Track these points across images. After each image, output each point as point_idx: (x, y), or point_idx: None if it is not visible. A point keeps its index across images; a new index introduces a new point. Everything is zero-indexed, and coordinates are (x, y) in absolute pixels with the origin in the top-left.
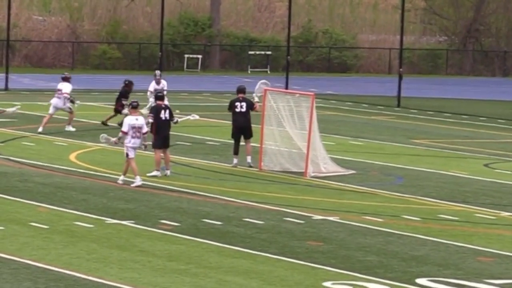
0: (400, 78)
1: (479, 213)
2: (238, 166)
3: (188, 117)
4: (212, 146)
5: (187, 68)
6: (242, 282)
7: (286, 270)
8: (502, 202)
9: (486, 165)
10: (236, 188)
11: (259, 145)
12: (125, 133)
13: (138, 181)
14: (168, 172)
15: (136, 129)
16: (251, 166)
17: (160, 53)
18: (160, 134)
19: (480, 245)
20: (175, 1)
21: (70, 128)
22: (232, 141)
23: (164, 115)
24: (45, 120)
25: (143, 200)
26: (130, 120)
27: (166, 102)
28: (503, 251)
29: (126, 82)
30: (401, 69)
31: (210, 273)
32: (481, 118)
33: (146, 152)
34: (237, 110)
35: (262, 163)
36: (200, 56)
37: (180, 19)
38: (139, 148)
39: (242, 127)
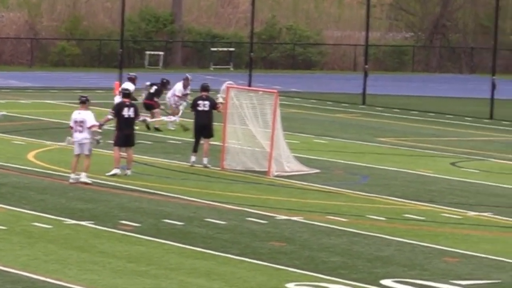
0: (366, 75)
1: (446, 212)
2: (196, 165)
3: (163, 117)
4: (173, 145)
5: (148, 65)
6: (203, 283)
7: (248, 271)
8: (469, 202)
9: (453, 164)
10: (197, 187)
11: (221, 144)
12: (71, 128)
13: (82, 177)
14: (128, 172)
15: (78, 123)
16: (206, 167)
17: (120, 50)
18: (122, 132)
19: (446, 246)
20: None
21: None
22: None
23: (127, 113)
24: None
25: (103, 200)
26: (74, 114)
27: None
28: (469, 251)
29: (164, 81)
30: (366, 66)
31: (171, 274)
32: (448, 116)
33: (108, 151)
34: (200, 108)
35: (224, 162)
36: (161, 53)
37: (141, 15)
38: (92, 143)
39: (203, 126)
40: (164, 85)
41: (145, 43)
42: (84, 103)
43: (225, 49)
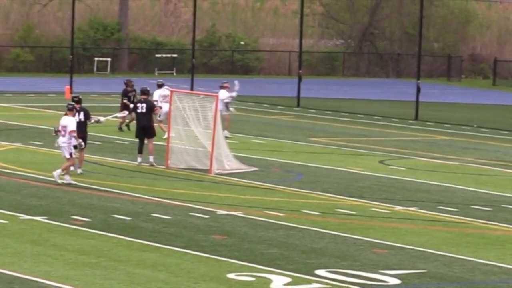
0: (300, 79)
1: (375, 207)
2: (142, 164)
3: (116, 114)
4: (121, 145)
5: (97, 70)
6: (150, 274)
7: (192, 263)
8: (396, 197)
9: (381, 162)
10: (144, 185)
11: (166, 144)
12: (58, 131)
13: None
14: (79, 170)
15: (62, 128)
16: (152, 165)
17: (71, 56)
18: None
19: (376, 238)
20: (85, 7)
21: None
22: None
23: (78, 117)
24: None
25: (55, 197)
26: (61, 119)
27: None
28: (397, 243)
29: (125, 81)
30: (300, 71)
31: (119, 266)
32: (376, 117)
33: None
34: (138, 110)
35: (168, 161)
36: (109, 59)
37: (90, 24)
38: (75, 147)
39: (144, 127)
40: (127, 85)
41: (94, 50)
42: (71, 110)
43: (168, 55)
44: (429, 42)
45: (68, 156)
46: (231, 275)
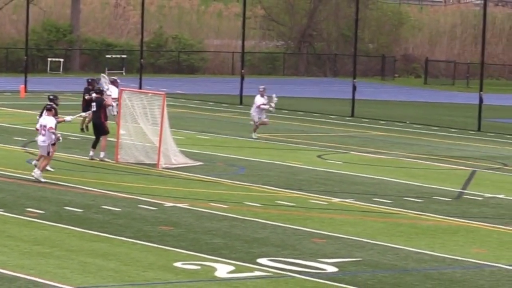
0: (242, 78)
1: (313, 199)
2: (94, 158)
3: (81, 113)
4: (73, 141)
5: (50, 70)
6: (101, 263)
7: (141, 252)
8: (333, 189)
9: (319, 156)
10: (95, 178)
11: (116, 140)
12: (37, 130)
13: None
14: (35, 162)
15: (42, 127)
16: (102, 161)
17: (25, 57)
18: None
19: (314, 228)
20: (39, 10)
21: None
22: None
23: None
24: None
25: (10, 190)
26: (40, 119)
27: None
28: (334, 233)
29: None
30: (243, 71)
31: (72, 255)
32: (314, 114)
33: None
34: (93, 109)
35: (118, 156)
36: (62, 60)
37: (44, 26)
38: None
39: (95, 124)
40: (89, 84)
41: (47, 50)
42: (49, 110)
43: (118, 56)
44: (364, 43)
45: (46, 155)
46: (178, 264)
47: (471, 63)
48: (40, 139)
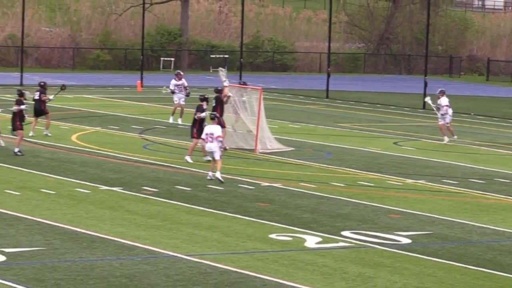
0: (328, 76)
1: (390, 180)
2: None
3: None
4: (182, 129)
5: (162, 68)
6: (206, 234)
7: (240, 225)
8: (407, 172)
9: (395, 143)
10: (200, 161)
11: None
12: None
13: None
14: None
15: (209, 135)
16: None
17: (141, 57)
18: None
19: (390, 205)
20: (153, 16)
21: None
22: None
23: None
24: None
25: (129, 171)
26: None
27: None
28: (408, 210)
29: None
30: (329, 69)
31: (181, 227)
32: (390, 107)
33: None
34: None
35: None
36: (172, 59)
37: (157, 30)
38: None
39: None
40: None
41: (160, 51)
42: (213, 119)
43: (221, 56)
44: (434, 45)
45: (218, 158)
46: (273, 236)
47: None
48: (210, 145)
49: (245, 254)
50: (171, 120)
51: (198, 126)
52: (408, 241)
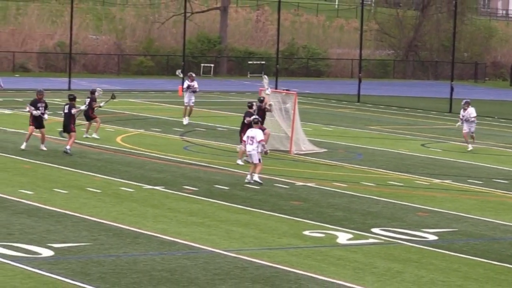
0: (359, 81)
1: (418, 180)
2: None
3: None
4: (221, 131)
5: (202, 73)
6: (243, 231)
7: (276, 223)
8: (435, 172)
9: (422, 145)
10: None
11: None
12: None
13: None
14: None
15: (250, 138)
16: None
17: (183, 63)
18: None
19: (418, 204)
20: (194, 24)
21: None
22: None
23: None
24: None
25: (170, 171)
26: None
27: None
28: (435, 208)
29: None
30: (360, 74)
31: (220, 224)
32: (418, 110)
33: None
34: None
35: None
36: (212, 65)
37: (198, 38)
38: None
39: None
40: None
41: (200, 57)
42: (256, 123)
43: (258, 62)
44: (460, 52)
45: (256, 162)
46: (306, 232)
47: None
48: (250, 148)
49: (280, 250)
50: (185, 122)
51: (246, 131)
52: (435, 238)
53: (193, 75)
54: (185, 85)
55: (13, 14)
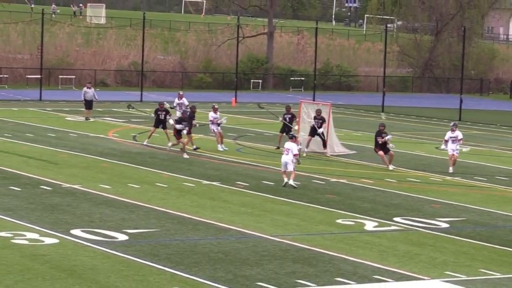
0: (384, 94)
1: (432, 177)
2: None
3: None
4: (268, 136)
5: (252, 88)
6: (286, 219)
7: (313, 212)
8: (446, 170)
9: (436, 148)
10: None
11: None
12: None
13: None
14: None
15: (286, 149)
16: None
17: (235, 79)
18: None
19: (433, 197)
20: (245, 47)
21: None
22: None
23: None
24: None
25: (225, 169)
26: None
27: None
28: (447, 201)
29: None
30: (384, 89)
31: (266, 214)
32: (433, 119)
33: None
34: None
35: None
36: (260, 81)
37: (248, 58)
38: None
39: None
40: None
41: (250, 74)
42: (292, 138)
43: (298, 78)
44: (468, 70)
45: (291, 170)
46: (339, 221)
47: None
48: (285, 158)
49: (316, 235)
50: (220, 149)
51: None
52: (447, 225)
53: (216, 106)
54: (210, 117)
55: (95, 38)
